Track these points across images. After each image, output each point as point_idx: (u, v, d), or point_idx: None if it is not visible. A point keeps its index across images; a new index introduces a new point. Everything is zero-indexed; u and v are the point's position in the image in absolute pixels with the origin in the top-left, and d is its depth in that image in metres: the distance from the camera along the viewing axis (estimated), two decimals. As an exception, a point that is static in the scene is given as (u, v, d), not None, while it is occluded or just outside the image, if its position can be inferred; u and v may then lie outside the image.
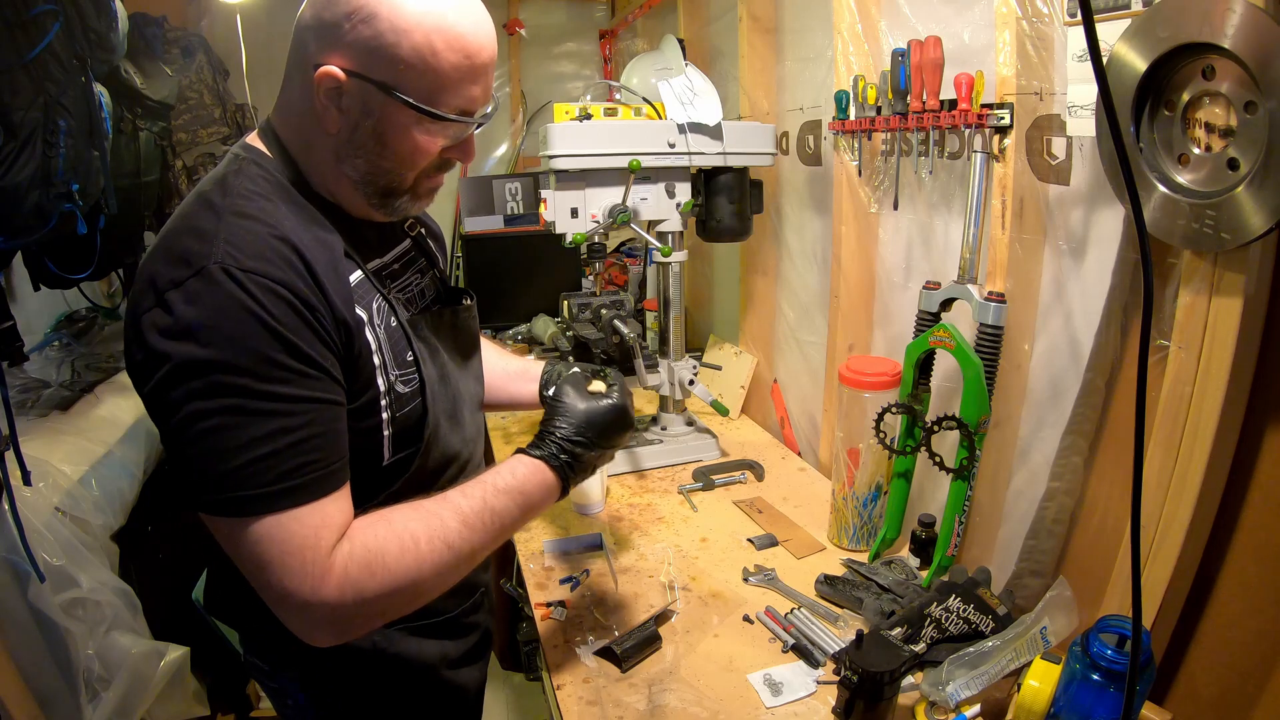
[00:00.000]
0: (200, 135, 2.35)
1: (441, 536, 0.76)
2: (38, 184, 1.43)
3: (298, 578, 0.69)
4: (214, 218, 0.73)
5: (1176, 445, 0.86)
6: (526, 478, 0.83)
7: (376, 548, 0.73)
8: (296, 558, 0.69)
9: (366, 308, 0.81)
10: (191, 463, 0.69)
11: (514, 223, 2.67)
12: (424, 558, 0.74)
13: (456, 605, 1.02)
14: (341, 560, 0.71)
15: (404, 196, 0.84)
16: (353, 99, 0.75)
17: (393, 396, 0.83)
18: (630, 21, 2.87)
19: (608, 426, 0.90)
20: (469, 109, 0.79)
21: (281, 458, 0.69)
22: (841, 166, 1.45)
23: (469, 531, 0.78)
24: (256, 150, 0.82)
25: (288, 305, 0.70)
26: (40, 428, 1.74)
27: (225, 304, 0.67)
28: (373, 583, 0.72)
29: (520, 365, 1.21)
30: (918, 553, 1.24)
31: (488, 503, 0.80)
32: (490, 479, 0.82)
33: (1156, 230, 0.85)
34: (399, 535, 0.74)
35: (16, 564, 1.36)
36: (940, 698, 0.92)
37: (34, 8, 1.37)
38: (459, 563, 0.78)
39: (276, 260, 0.71)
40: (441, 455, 0.90)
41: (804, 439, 1.83)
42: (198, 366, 0.66)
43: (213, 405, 0.67)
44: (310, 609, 0.70)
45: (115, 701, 1.52)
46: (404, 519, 0.76)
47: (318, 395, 0.72)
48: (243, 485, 0.68)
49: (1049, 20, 1.02)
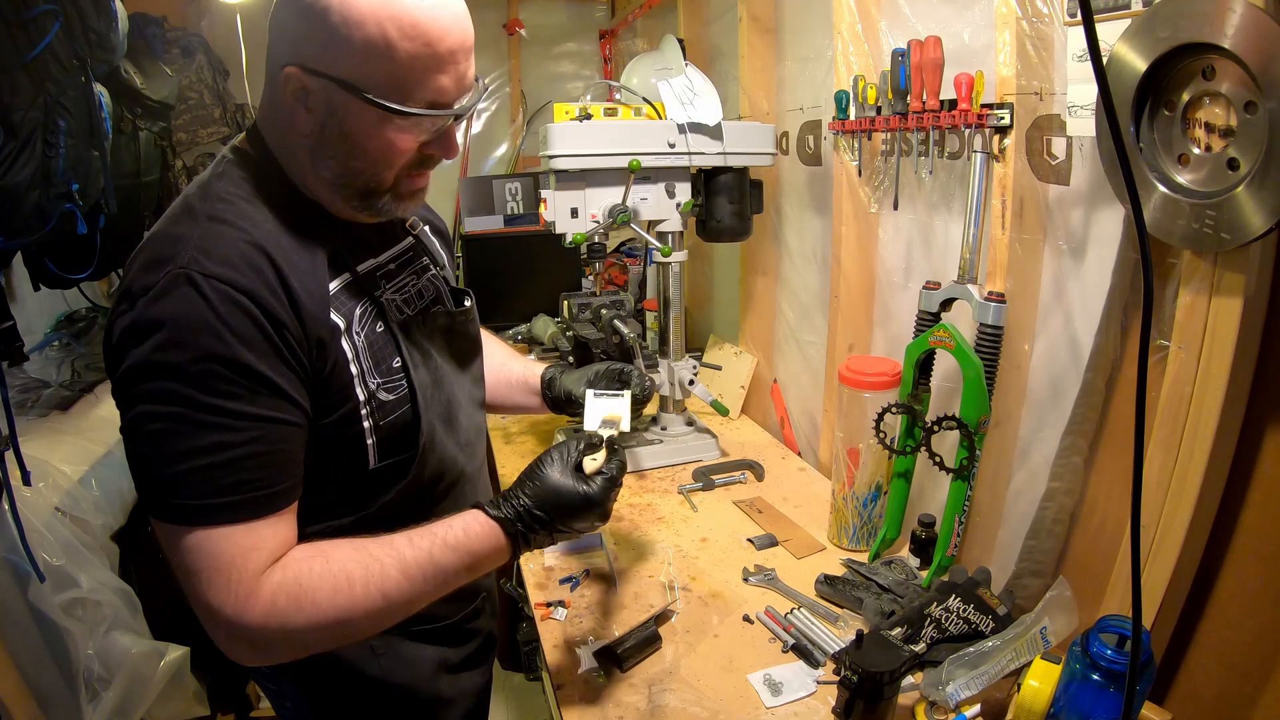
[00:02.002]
0: (200, 135, 2.35)
1: (379, 584, 0.73)
2: (38, 184, 1.43)
3: (221, 595, 0.68)
4: (191, 222, 0.72)
5: (1176, 445, 0.86)
6: (479, 536, 0.79)
7: (309, 584, 0.71)
8: (223, 575, 0.68)
9: (346, 314, 0.79)
10: (137, 463, 0.70)
11: (514, 223, 2.67)
12: (357, 602, 0.72)
13: (457, 611, 1.01)
14: (270, 588, 0.70)
15: (385, 197, 0.81)
16: (317, 99, 0.73)
17: (375, 404, 0.81)
18: (630, 21, 2.87)
19: (573, 511, 0.82)
20: (440, 101, 0.74)
21: (218, 472, 0.68)
22: (841, 166, 1.45)
23: (407, 583, 0.75)
24: (243, 152, 0.81)
25: (246, 316, 0.69)
26: (40, 428, 1.75)
27: (183, 311, 0.67)
28: (299, 617, 0.70)
29: (522, 371, 1.20)
30: (918, 553, 1.24)
31: (433, 556, 0.76)
32: (441, 532, 0.78)
33: (1156, 230, 0.85)
34: (334, 575, 0.72)
35: (16, 564, 1.37)
36: (940, 698, 0.92)
37: (34, 8, 1.38)
38: (393, 611, 0.76)
39: (244, 267, 0.70)
40: (438, 461, 0.89)
41: (804, 439, 1.83)
42: (149, 369, 0.67)
43: (158, 409, 0.67)
44: (232, 627, 0.69)
45: (115, 701, 1.52)
46: (343, 559, 0.74)
47: (265, 414, 0.70)
48: (178, 493, 0.68)
49: (1049, 20, 1.02)
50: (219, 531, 0.68)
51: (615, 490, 0.84)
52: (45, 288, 1.88)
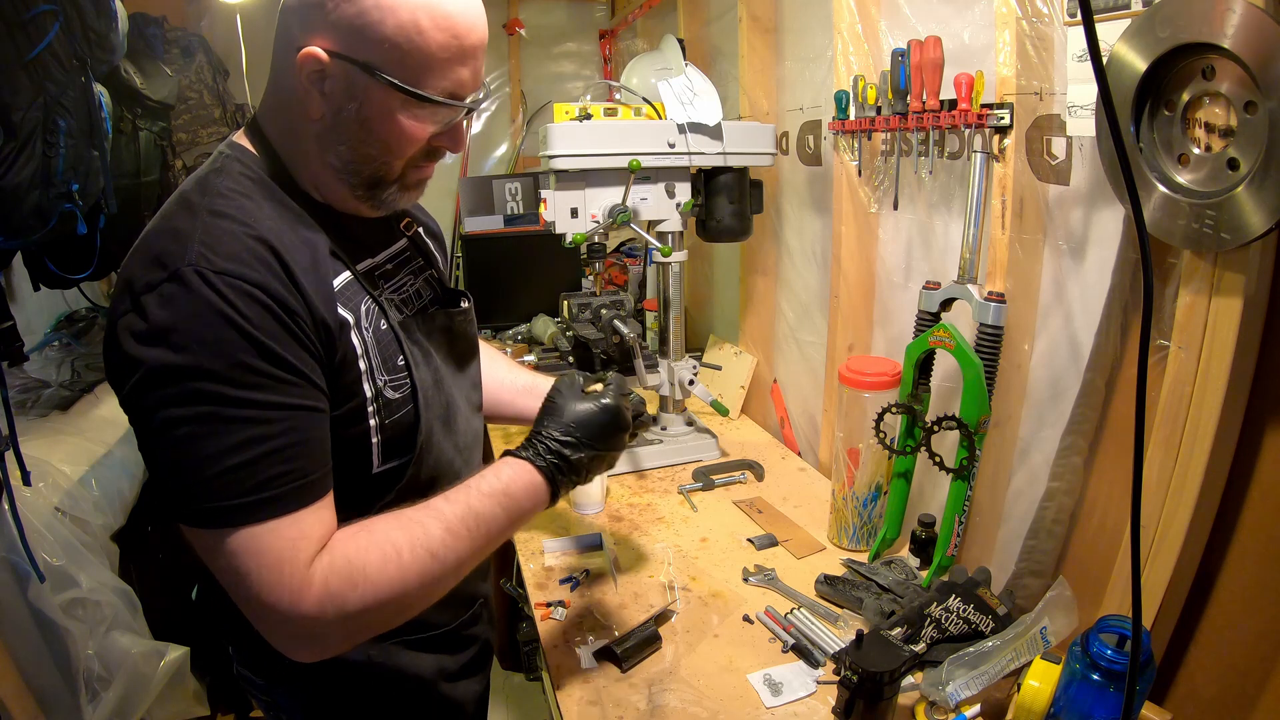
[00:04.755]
0: (200, 135, 2.35)
1: (425, 545, 0.73)
2: (38, 184, 1.44)
3: (276, 592, 0.67)
4: (191, 218, 0.71)
5: (1176, 445, 0.86)
6: (511, 479, 0.80)
7: (357, 559, 0.70)
8: (274, 571, 0.67)
9: (354, 310, 0.79)
10: (166, 471, 0.67)
11: (514, 223, 2.67)
12: (407, 567, 0.72)
13: (454, 618, 1.00)
14: (321, 573, 0.69)
15: (391, 187, 0.81)
16: (336, 82, 0.73)
17: (381, 402, 0.80)
18: (630, 21, 2.87)
19: (598, 427, 0.85)
20: (457, 93, 0.76)
21: (257, 467, 0.67)
22: (841, 166, 1.45)
23: (453, 539, 0.75)
24: (241, 147, 0.80)
25: (263, 308, 0.68)
26: (40, 428, 1.75)
27: (198, 308, 0.65)
28: (354, 595, 0.69)
29: (528, 380, 1.19)
30: (918, 553, 1.24)
31: (472, 507, 0.77)
32: (475, 483, 0.79)
33: (1156, 230, 0.85)
34: (380, 545, 0.72)
35: (16, 564, 1.37)
36: (940, 698, 0.92)
37: (34, 8, 1.38)
38: (445, 572, 0.75)
39: (252, 261, 0.69)
40: (435, 463, 0.88)
41: (804, 439, 1.83)
42: (170, 372, 0.65)
43: (186, 413, 0.65)
44: (290, 623, 0.68)
45: (115, 701, 1.52)
46: (385, 528, 0.74)
47: (295, 402, 0.69)
48: (217, 496, 0.66)
49: (1049, 20, 1.02)
50: (264, 528, 0.67)
51: (626, 400, 0.90)
52: (45, 288, 1.88)
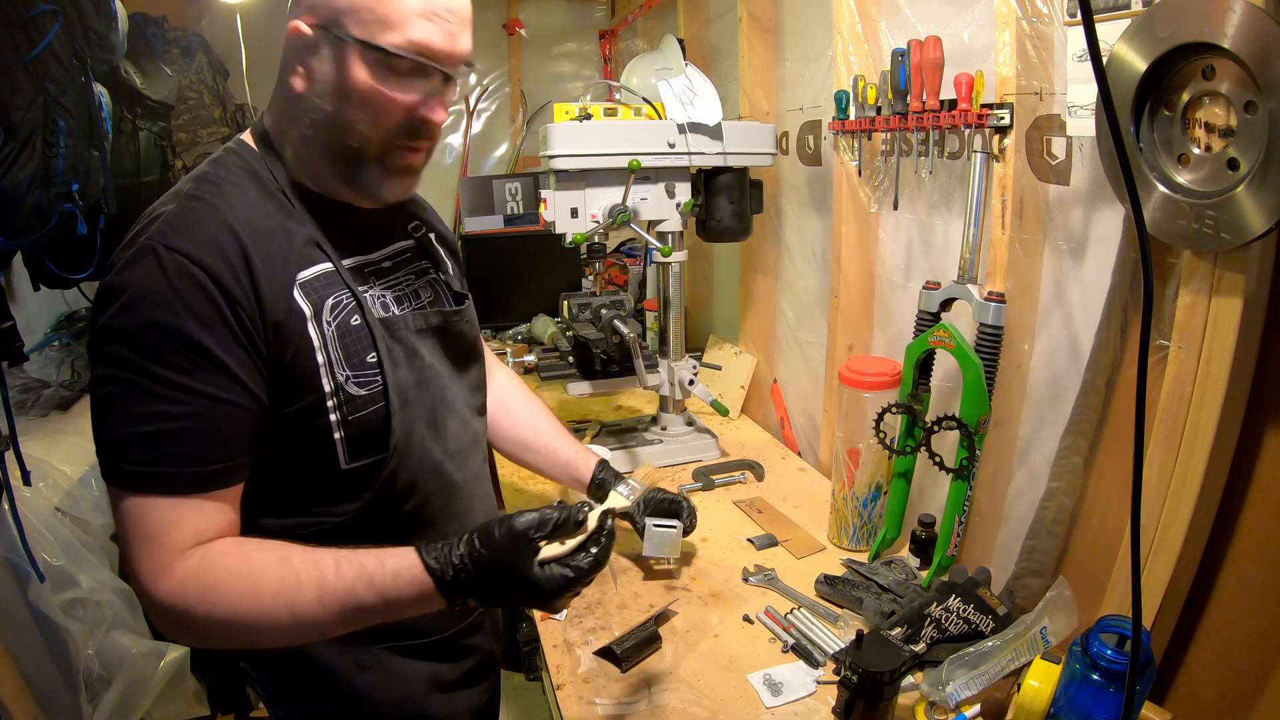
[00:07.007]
0: (200, 135, 2.35)
1: (288, 600, 0.71)
2: (38, 184, 1.44)
3: (141, 563, 0.71)
4: (172, 201, 0.76)
5: (1176, 445, 0.86)
6: (409, 585, 0.73)
7: (219, 579, 0.71)
8: (144, 544, 0.71)
9: (315, 302, 0.78)
10: (94, 422, 0.72)
11: (514, 223, 2.68)
12: (264, 611, 0.71)
13: (449, 625, 0.97)
14: (183, 569, 0.70)
15: (372, 168, 0.81)
16: (316, 53, 0.76)
17: (343, 397, 0.79)
18: (630, 21, 2.87)
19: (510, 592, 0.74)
20: (426, 52, 0.75)
21: (158, 442, 0.70)
22: (841, 166, 1.45)
23: (320, 609, 0.72)
24: (242, 143, 0.84)
25: (199, 289, 0.70)
26: (40, 428, 1.75)
27: (141, 280, 0.70)
28: (201, 608, 0.70)
29: (573, 456, 1.20)
30: (918, 553, 1.24)
31: (354, 591, 0.72)
32: (371, 567, 0.72)
33: (1156, 230, 0.85)
34: (246, 578, 0.71)
35: (16, 564, 1.37)
36: (940, 698, 0.92)
37: (34, 8, 1.38)
38: (299, 632, 0.73)
39: (206, 243, 0.72)
40: (417, 466, 0.86)
41: (804, 439, 1.83)
42: (107, 334, 0.70)
43: (111, 374, 0.70)
44: (147, 598, 0.72)
45: (115, 701, 1.52)
46: (262, 564, 0.72)
47: (206, 390, 0.71)
48: (119, 458, 0.70)
49: (1049, 20, 1.02)
50: (149, 501, 0.70)
51: (572, 592, 0.75)
52: (45, 288, 1.88)
